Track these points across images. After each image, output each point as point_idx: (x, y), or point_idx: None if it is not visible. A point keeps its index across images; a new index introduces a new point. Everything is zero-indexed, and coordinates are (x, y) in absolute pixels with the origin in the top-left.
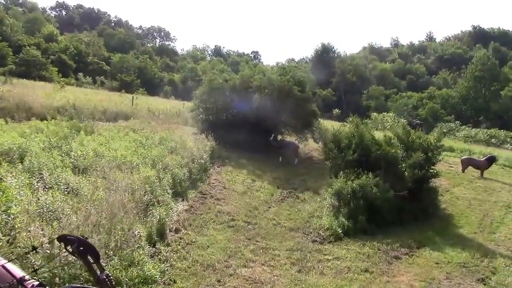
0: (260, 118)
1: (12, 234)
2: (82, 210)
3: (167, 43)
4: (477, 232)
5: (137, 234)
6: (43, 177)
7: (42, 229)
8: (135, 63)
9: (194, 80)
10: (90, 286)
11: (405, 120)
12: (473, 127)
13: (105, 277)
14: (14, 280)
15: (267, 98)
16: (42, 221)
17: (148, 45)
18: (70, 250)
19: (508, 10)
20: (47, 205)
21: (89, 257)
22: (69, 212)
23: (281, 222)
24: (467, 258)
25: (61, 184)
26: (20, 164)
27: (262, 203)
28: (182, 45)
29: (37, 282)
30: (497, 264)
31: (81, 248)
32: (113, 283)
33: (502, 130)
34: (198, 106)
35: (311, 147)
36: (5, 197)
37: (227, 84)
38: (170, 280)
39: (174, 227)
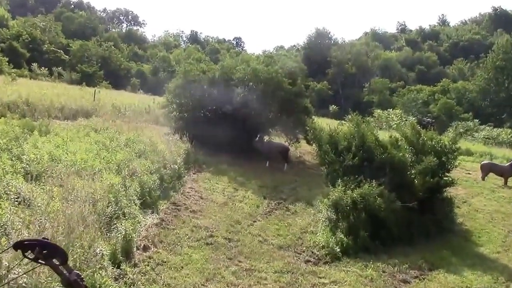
0: (243, 116)
1: None
2: (35, 224)
3: (135, 28)
4: (500, 252)
5: (99, 253)
6: None
7: None
8: (98, 52)
9: (166, 71)
10: None
11: (414, 118)
12: (494, 127)
13: (76, 277)
14: None
15: (252, 92)
16: None
17: (113, 30)
18: (31, 256)
19: None
20: None
21: (54, 260)
22: (19, 227)
23: (268, 239)
24: (489, 283)
25: (11, 193)
26: None
27: (246, 216)
28: (152, 30)
29: None
30: None
31: (45, 252)
32: (85, 282)
33: None
34: (171, 102)
35: (303, 149)
36: None
37: (205, 76)
38: None
39: (143, 245)
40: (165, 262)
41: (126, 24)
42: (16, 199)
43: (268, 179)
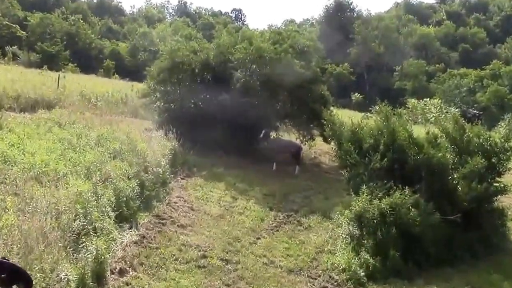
0: (245, 107)
1: None
2: None
3: None
4: None
5: (64, 278)
6: None
7: None
8: (63, 27)
9: (148, 51)
10: None
11: (457, 110)
12: None
13: None
14: None
15: (256, 77)
16: None
17: (82, 0)
18: None
19: None
20: None
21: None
22: None
23: (275, 261)
24: None
25: None
26: None
27: (248, 232)
28: (131, 0)
29: None
30: None
31: (4, 276)
32: None
33: None
34: (154, 90)
35: (319, 149)
36: None
37: (197, 58)
38: None
39: (118, 267)
40: None
41: None
42: None
43: (275, 185)
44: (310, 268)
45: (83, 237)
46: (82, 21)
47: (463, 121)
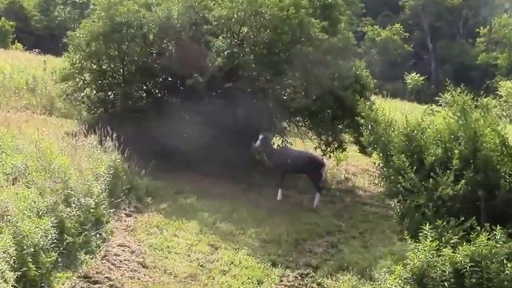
0: (230, 97)
1: None
2: None
3: None
4: None
5: None
6: None
7: None
8: None
9: (70, 3)
10: None
11: None
12: None
13: None
14: None
15: (249, 47)
16: None
17: None
18: None
19: None
20: None
21: None
22: None
23: None
24: None
25: None
26: None
27: None
28: None
29: None
30: None
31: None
32: None
33: None
34: (80, 70)
35: (353, 164)
36: None
37: (152, 16)
38: None
39: None
40: None
41: None
42: None
43: (281, 226)
44: None
45: None
46: None
47: None
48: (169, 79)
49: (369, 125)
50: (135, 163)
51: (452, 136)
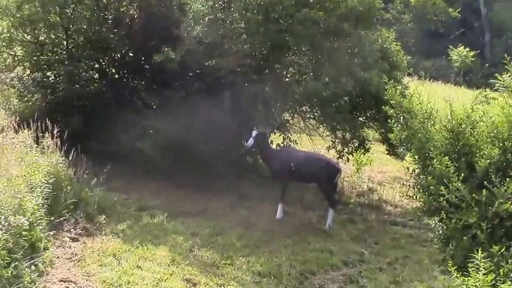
0: (214, 79)
1: None
2: None
3: None
4: None
5: None
6: None
7: None
8: None
9: None
10: None
11: None
12: None
13: None
14: None
15: (237, 14)
16: None
17: None
18: None
19: None
20: None
21: None
22: None
23: None
24: None
25: None
26: None
27: None
28: None
29: None
30: None
31: None
32: None
33: None
34: (9, 41)
35: (379, 171)
36: None
37: None
38: None
39: None
40: None
41: None
42: None
43: (281, 252)
44: None
45: None
46: None
47: None
48: (130, 54)
49: (401, 117)
50: (84, 168)
51: None
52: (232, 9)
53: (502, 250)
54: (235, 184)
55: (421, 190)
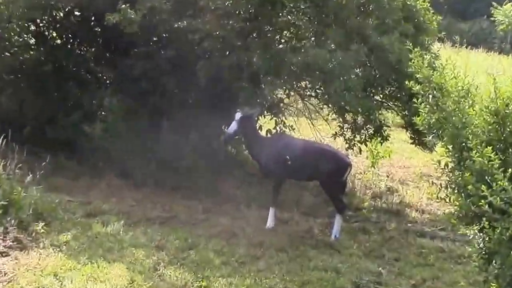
0: (184, 44)
1: None
2: None
3: None
4: None
5: None
6: None
7: None
8: None
9: None
10: None
11: None
12: None
13: None
14: None
15: None
16: None
17: None
18: None
19: None
20: None
21: None
22: None
23: None
24: None
25: None
26: None
27: None
28: None
29: None
30: None
31: None
32: None
33: None
34: None
35: (401, 166)
36: None
37: None
38: None
39: None
40: None
41: None
42: None
43: (273, 271)
44: None
45: None
46: None
47: None
48: (76, 13)
49: (430, 96)
50: (16, 161)
51: None
52: None
53: None
54: (212, 183)
55: (455, 191)
